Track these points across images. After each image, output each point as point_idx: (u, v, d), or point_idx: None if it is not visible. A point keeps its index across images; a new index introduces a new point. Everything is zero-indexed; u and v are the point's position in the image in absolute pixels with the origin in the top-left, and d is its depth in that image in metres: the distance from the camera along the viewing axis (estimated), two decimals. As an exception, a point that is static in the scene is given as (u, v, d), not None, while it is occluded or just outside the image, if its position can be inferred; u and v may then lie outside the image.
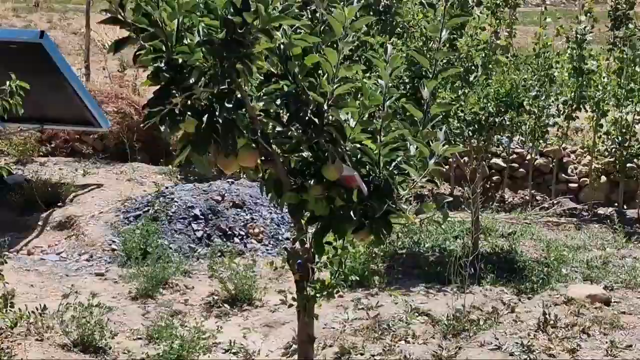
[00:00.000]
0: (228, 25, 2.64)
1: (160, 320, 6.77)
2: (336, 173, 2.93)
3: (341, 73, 2.82)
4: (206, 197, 9.13)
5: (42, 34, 9.46)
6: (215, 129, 2.82)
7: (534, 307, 7.24)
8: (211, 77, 2.76)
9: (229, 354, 6.27)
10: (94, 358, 6.08)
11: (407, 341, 6.53)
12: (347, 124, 2.95)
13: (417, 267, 7.96)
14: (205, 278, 7.81)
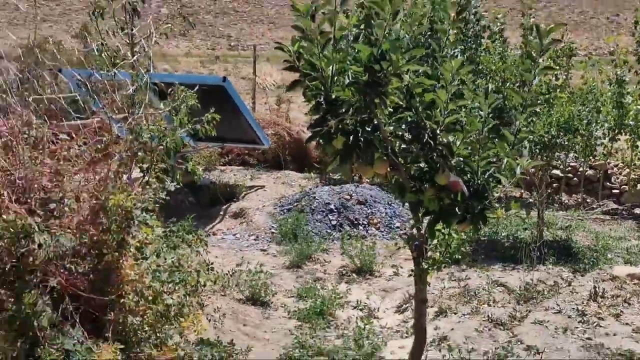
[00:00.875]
0: (369, 71, 2.66)
1: (307, 284, 6.86)
2: (445, 179, 2.92)
3: (450, 107, 2.82)
4: (339, 196, 9.19)
5: (224, 79, 9.74)
6: (357, 145, 2.85)
7: (586, 282, 7.07)
8: (356, 108, 2.79)
9: (356, 309, 6.30)
10: (260, 309, 6.19)
11: (489, 305, 6.45)
12: (454, 144, 2.94)
13: (495, 251, 7.87)
14: (338, 255, 7.84)
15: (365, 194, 9.27)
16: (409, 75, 2.81)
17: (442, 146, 2.92)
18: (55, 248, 2.86)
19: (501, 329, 5.94)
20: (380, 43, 2.66)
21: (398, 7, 2.71)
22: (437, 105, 2.84)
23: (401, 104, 2.87)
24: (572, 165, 10.57)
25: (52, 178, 3.18)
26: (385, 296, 6.73)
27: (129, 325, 3.05)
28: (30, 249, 2.80)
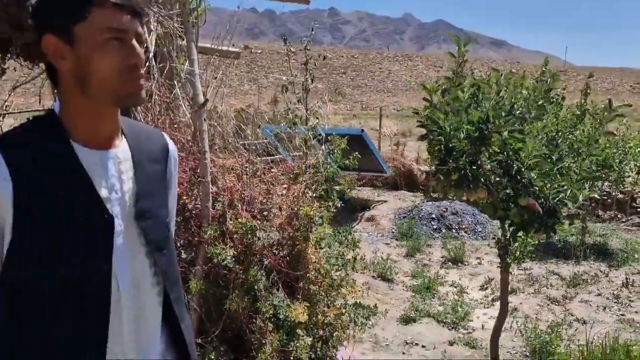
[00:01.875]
0: (479, 129, 2.64)
1: (418, 268, 6.80)
2: (526, 202, 2.85)
3: (533, 152, 2.76)
4: (438, 209, 9.07)
5: (362, 130, 9.82)
6: (467, 178, 2.82)
7: (619, 274, 6.68)
8: (468, 154, 2.77)
9: (452, 287, 6.20)
10: (387, 283, 6.20)
11: (547, 287, 6.21)
12: (534, 177, 2.87)
13: (551, 249, 7.56)
14: (439, 249, 7.75)
15: (457, 207, 9.09)
16: (506, 132, 2.78)
17: (525, 179, 2.86)
18: (267, 240, 2.99)
19: (556, 305, 5.73)
20: (487, 111, 2.65)
21: (500, 87, 2.71)
22: (523, 151, 2.80)
23: (497, 150, 2.84)
24: (606, 191, 10.07)
25: (265, 195, 3.30)
26: (472, 278, 6.57)
27: (311, 292, 3.12)
28: (253, 240, 2.92)
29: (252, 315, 2.81)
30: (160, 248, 1.37)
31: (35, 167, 1.18)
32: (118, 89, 1.23)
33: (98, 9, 1.18)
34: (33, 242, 1.18)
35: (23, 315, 1.21)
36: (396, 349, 4.61)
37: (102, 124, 1.28)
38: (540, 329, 4.75)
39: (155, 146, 1.44)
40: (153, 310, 1.37)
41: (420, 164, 12.15)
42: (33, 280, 1.19)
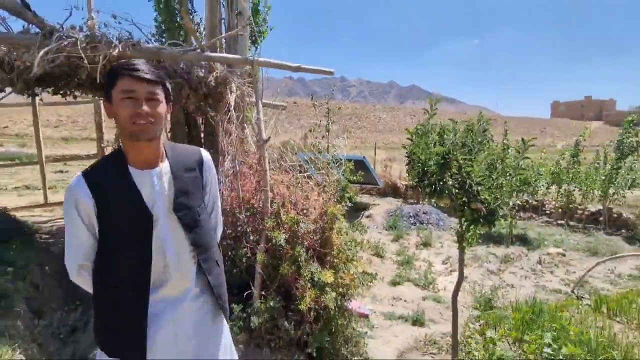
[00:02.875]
0: (443, 158, 2.65)
1: (401, 248, 6.74)
2: (475, 206, 2.82)
3: (479, 173, 2.76)
4: (414, 209, 8.95)
5: (364, 157, 9.79)
6: (436, 190, 2.80)
7: (535, 255, 6.53)
8: (436, 175, 2.77)
9: (423, 262, 6.13)
10: (380, 259, 6.11)
11: (487, 263, 6.10)
12: (480, 190, 2.85)
13: (489, 237, 7.41)
14: (415, 236, 7.62)
15: (426, 209, 8.98)
16: (461, 160, 2.78)
17: (474, 191, 2.85)
18: (306, 228, 3.02)
19: (494, 275, 5.63)
20: (448, 146, 2.67)
21: (456, 131, 2.72)
22: (472, 173, 2.80)
23: (456, 172, 2.84)
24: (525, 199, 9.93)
25: (304, 199, 3.34)
26: (437, 256, 6.47)
27: (335, 263, 3.13)
28: (298, 228, 2.96)
29: (296, 278, 2.84)
30: (192, 228, 1.45)
31: (104, 185, 1.36)
32: (130, 129, 1.33)
33: (120, 79, 1.32)
34: (109, 230, 1.37)
35: (104, 270, 1.40)
36: (387, 302, 4.59)
37: (141, 153, 1.39)
38: (483, 290, 4.70)
39: (190, 160, 1.51)
40: (189, 267, 1.47)
41: (402, 180, 12.09)
42: (107, 253, 1.38)
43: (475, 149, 2.96)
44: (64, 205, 1.37)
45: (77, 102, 5.31)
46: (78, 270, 1.38)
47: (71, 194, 1.34)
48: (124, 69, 1.32)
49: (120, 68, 1.32)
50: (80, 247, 1.36)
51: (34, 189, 8.66)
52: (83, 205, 1.33)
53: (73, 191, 1.34)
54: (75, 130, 35.91)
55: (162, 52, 3.21)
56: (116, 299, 1.37)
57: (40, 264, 3.26)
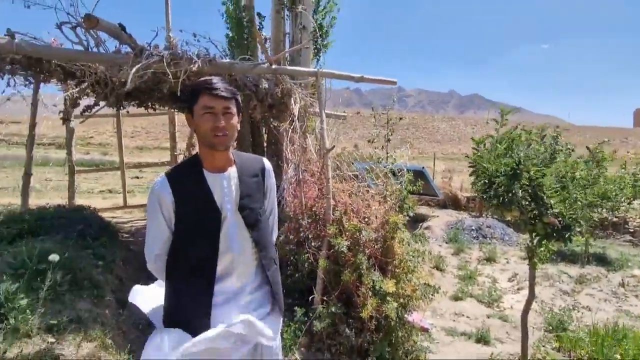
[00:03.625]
0: (513, 169, 2.54)
1: (462, 263, 6.47)
2: (548, 219, 2.67)
3: (551, 185, 2.61)
4: (477, 222, 8.58)
5: (423, 167, 9.60)
6: (504, 202, 2.68)
7: (616, 277, 5.93)
8: (504, 186, 2.66)
9: (487, 278, 5.84)
10: (440, 272, 5.93)
11: (559, 282, 5.66)
12: (553, 203, 2.69)
13: (560, 256, 6.87)
14: (477, 251, 7.28)
15: (490, 222, 8.55)
16: (532, 171, 2.64)
17: (548, 204, 2.69)
18: (368, 236, 3.03)
19: (567, 296, 5.21)
20: (519, 157, 2.56)
21: (529, 141, 2.60)
22: (544, 185, 2.65)
23: (527, 183, 2.71)
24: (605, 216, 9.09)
25: (366, 207, 3.36)
26: (502, 273, 6.12)
27: (396, 273, 3.10)
28: (360, 236, 2.98)
29: (358, 285, 2.86)
30: (254, 227, 1.60)
31: (183, 185, 1.54)
32: (210, 141, 1.51)
33: (201, 96, 1.50)
34: (184, 224, 1.53)
35: (177, 260, 1.55)
36: (448, 317, 4.44)
37: (214, 159, 1.57)
38: (555, 311, 4.37)
39: (254, 167, 1.67)
40: (251, 262, 1.60)
41: (463, 191, 11.62)
42: (180, 245, 1.54)
43: (547, 160, 2.81)
44: (148, 201, 1.56)
45: (155, 113, 5.80)
46: (155, 259, 1.56)
47: (156, 191, 1.52)
48: (205, 88, 1.49)
49: (201, 87, 1.51)
50: (159, 238, 1.53)
51: (115, 193, 9.52)
52: (165, 201, 1.51)
53: (157, 189, 1.52)
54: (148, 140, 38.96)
55: (234, 66, 3.42)
56: (186, 287, 1.52)
57: (123, 260, 3.58)
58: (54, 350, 1.75)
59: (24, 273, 2.14)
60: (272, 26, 6.09)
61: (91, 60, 2.86)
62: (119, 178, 7.26)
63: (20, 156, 15.20)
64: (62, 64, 3.07)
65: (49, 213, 3.54)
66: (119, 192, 9.19)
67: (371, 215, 3.27)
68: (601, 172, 3.13)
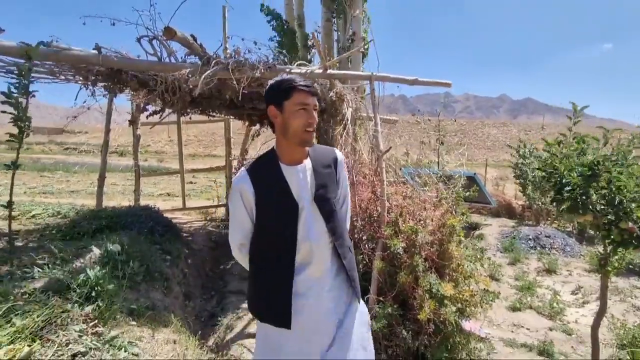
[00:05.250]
0: (591, 169, 2.42)
1: (519, 273, 6.16)
2: (626, 225, 2.50)
3: (634, 188, 2.45)
4: (534, 232, 8.13)
5: (474, 173, 9.24)
6: (577, 205, 2.56)
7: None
8: (579, 188, 2.53)
9: (547, 289, 5.52)
10: (495, 282, 5.70)
11: (631, 297, 5.22)
12: (634, 207, 2.52)
13: (632, 270, 6.34)
14: (535, 261, 6.89)
15: (549, 232, 8.08)
16: (614, 172, 2.50)
17: (627, 209, 2.53)
18: (424, 239, 2.98)
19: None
20: (597, 157, 2.43)
21: (607, 139, 2.47)
22: (626, 187, 2.50)
23: (604, 185, 2.57)
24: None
25: (421, 210, 3.32)
26: (563, 285, 5.76)
27: (454, 277, 3.03)
28: (416, 238, 2.93)
29: (414, 287, 2.82)
30: (329, 217, 1.64)
31: (263, 178, 1.61)
32: (301, 136, 1.58)
33: (296, 93, 1.56)
34: (264, 216, 1.60)
35: (259, 249, 1.63)
36: (506, 328, 4.24)
37: (293, 153, 1.63)
38: (628, 327, 4.04)
39: (327, 158, 1.71)
40: (327, 251, 1.65)
41: (517, 200, 11.10)
42: (261, 235, 1.62)
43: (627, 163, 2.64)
44: (230, 195, 1.64)
45: (214, 120, 6.10)
46: (239, 248, 1.65)
47: (238, 185, 1.60)
48: (300, 85, 1.57)
49: (295, 84, 1.57)
50: (242, 229, 1.62)
51: (173, 196, 10.07)
52: (246, 194, 1.58)
53: (239, 183, 1.60)
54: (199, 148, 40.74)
55: (291, 72, 3.55)
56: (267, 275, 1.60)
57: (185, 257, 3.79)
58: (136, 332, 1.91)
59: (107, 262, 2.35)
60: (322, 34, 6.23)
61: (167, 70, 3.08)
62: (174, 182, 7.70)
63: (89, 163, 16.46)
64: (137, 74, 3.34)
65: (122, 212, 3.84)
66: (177, 195, 9.71)
67: (427, 218, 3.23)
68: None
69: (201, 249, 4.59)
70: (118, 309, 1.95)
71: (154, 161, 24.67)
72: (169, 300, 2.55)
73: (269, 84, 1.63)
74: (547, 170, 2.63)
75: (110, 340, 1.77)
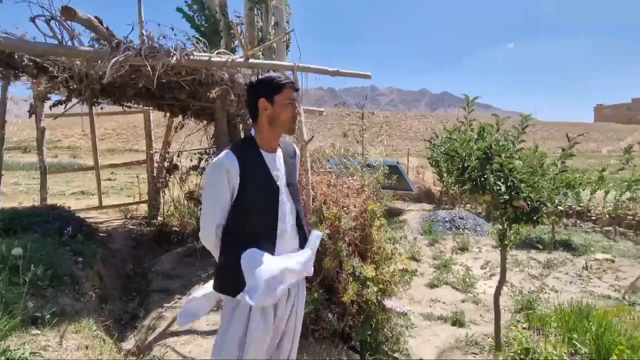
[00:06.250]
0: (485, 153, 2.67)
1: (437, 253, 6.66)
2: (518, 203, 2.82)
3: (523, 170, 2.76)
4: (450, 214, 8.83)
5: (398, 162, 9.79)
6: (477, 186, 2.83)
7: (581, 261, 6.29)
8: (477, 170, 2.79)
9: (461, 266, 6.02)
10: (416, 262, 6.06)
11: (528, 268, 5.94)
12: (523, 187, 2.84)
13: (530, 243, 7.18)
14: (451, 241, 7.48)
15: (462, 214, 8.82)
16: (505, 155, 2.78)
17: (517, 188, 2.83)
18: (348, 225, 3.09)
19: (536, 280, 5.47)
20: (490, 142, 2.69)
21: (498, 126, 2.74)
22: (515, 169, 2.80)
23: (498, 168, 2.84)
24: (569, 204, 9.52)
25: (344, 197, 3.43)
26: (474, 261, 6.33)
27: (375, 259, 3.18)
28: (339, 224, 3.03)
29: (338, 272, 2.92)
30: (296, 200, 1.91)
31: (248, 161, 1.75)
32: (289, 126, 1.82)
33: (287, 88, 1.78)
34: (246, 195, 1.73)
35: (242, 228, 1.75)
36: (425, 304, 4.58)
37: (273, 142, 1.85)
38: (524, 293, 4.60)
39: (291, 150, 1.98)
40: (293, 229, 1.88)
41: (436, 186, 11.95)
42: (244, 213, 1.74)
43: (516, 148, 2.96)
44: (210, 175, 1.73)
45: (131, 111, 5.69)
46: (216, 229, 1.73)
47: (223, 164, 1.70)
48: (289, 82, 1.78)
49: (287, 81, 1.79)
50: (223, 208, 1.72)
51: (88, 194, 9.25)
52: (232, 173, 1.69)
53: (225, 162, 1.70)
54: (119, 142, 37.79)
55: (212, 61, 3.43)
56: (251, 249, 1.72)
57: (102, 258, 3.53)
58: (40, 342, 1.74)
59: (4, 268, 2.10)
60: (245, 23, 6.09)
61: (69, 54, 2.80)
62: (90, 180, 7.09)
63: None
64: (34, 59, 3.00)
65: (23, 212, 3.44)
66: (92, 194, 8.92)
67: (350, 204, 3.34)
68: (565, 166, 3.29)
69: (121, 248, 4.31)
70: (17, 319, 1.75)
71: (65, 157, 22.41)
72: (81, 304, 2.36)
73: (258, 79, 1.81)
74: (450, 154, 2.86)
75: (3, 354, 1.60)
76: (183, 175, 5.94)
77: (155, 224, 6.03)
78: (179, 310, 1.84)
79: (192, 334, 3.01)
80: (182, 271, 4.39)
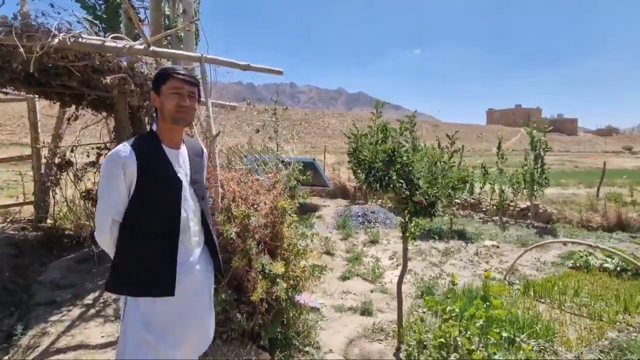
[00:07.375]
0: (389, 156, 2.81)
1: (350, 246, 6.91)
2: (417, 199, 3.02)
3: (423, 169, 2.95)
4: (362, 209, 9.19)
5: (313, 159, 9.92)
6: (382, 185, 2.96)
7: (473, 248, 7.02)
8: (381, 170, 2.92)
9: (371, 258, 6.32)
10: (330, 257, 6.25)
11: (429, 256, 6.44)
12: (421, 184, 3.04)
13: (432, 233, 7.80)
14: (363, 235, 7.83)
15: (374, 208, 9.27)
16: (405, 157, 2.94)
17: (416, 185, 3.02)
18: (257, 222, 3.05)
19: (435, 267, 5.95)
20: (394, 144, 2.83)
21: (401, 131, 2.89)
22: (416, 169, 2.99)
23: (400, 168, 3.01)
24: (464, 198, 10.53)
25: (255, 195, 3.36)
26: (384, 252, 6.69)
27: (285, 256, 3.17)
28: (249, 222, 2.97)
29: (248, 270, 2.86)
30: (202, 198, 1.88)
31: (146, 155, 1.68)
32: (173, 115, 1.74)
33: (171, 79, 1.74)
34: (145, 190, 1.66)
35: (142, 224, 1.68)
36: (337, 296, 4.71)
37: (173, 136, 1.79)
38: (425, 280, 4.98)
39: (197, 148, 1.97)
40: (199, 226, 1.86)
41: (351, 182, 12.39)
42: (144, 209, 1.66)
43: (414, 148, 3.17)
44: (105, 167, 1.62)
45: (10, 99, 4.92)
46: (111, 226, 1.64)
47: (119, 157, 1.61)
48: (174, 73, 1.73)
49: (171, 71, 1.74)
50: (119, 203, 1.63)
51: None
52: (129, 167, 1.61)
53: (121, 155, 1.62)
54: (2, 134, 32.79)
55: (105, 46, 3.10)
56: (150, 246, 1.67)
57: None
58: None
59: None
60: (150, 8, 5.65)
61: None
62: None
63: None
64: None
65: None
66: (-39, 194, 7.58)
67: (260, 202, 3.29)
68: (451, 164, 3.61)
69: (-2, 258, 3.70)
70: None
71: None
72: None
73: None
74: (358, 156, 2.96)
75: None
76: (78, 173, 5.33)
77: (43, 228, 5.34)
78: None
79: (83, 349, 2.71)
80: (74, 279, 3.95)
